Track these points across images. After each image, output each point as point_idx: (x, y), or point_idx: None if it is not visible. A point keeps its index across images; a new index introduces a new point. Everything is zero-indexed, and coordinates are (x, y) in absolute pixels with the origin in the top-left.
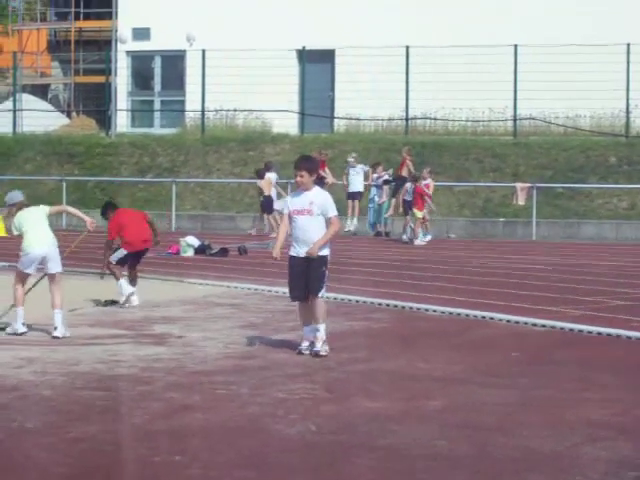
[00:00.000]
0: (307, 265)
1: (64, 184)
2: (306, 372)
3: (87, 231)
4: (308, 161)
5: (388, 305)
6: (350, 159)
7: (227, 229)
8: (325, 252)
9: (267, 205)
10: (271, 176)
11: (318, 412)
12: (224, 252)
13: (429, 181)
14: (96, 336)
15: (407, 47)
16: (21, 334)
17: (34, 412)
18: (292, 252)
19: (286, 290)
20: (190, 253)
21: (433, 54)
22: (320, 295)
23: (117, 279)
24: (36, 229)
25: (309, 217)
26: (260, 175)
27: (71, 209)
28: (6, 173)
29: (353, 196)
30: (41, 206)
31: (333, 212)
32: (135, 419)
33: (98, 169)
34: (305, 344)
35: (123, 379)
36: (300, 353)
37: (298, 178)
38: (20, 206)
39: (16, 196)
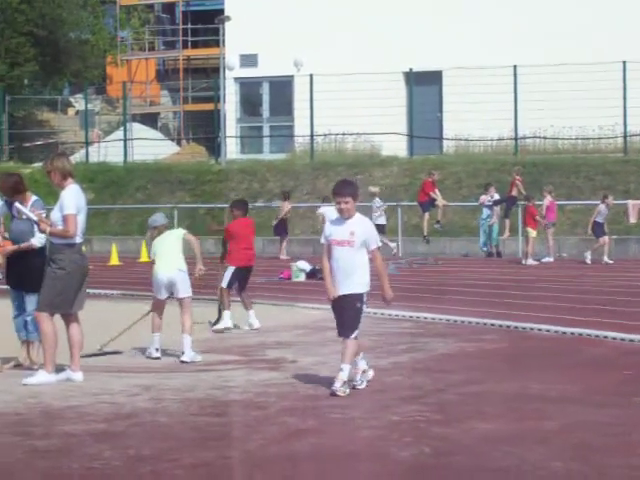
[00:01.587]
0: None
1: (175, 212)
2: (419, 394)
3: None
4: (352, 186)
5: (500, 326)
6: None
7: None
8: (362, 289)
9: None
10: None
11: (432, 434)
12: None
13: (548, 200)
14: (210, 362)
15: (515, 66)
16: (155, 359)
17: (150, 439)
18: None
19: (399, 312)
20: (302, 278)
21: (541, 73)
22: (353, 336)
23: (224, 308)
24: (166, 253)
25: (350, 249)
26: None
27: (196, 246)
28: (118, 202)
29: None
30: (179, 229)
31: (376, 243)
32: (250, 444)
33: (209, 196)
34: (358, 376)
35: (237, 404)
36: (354, 387)
37: (343, 205)
38: (161, 230)
39: (157, 219)
